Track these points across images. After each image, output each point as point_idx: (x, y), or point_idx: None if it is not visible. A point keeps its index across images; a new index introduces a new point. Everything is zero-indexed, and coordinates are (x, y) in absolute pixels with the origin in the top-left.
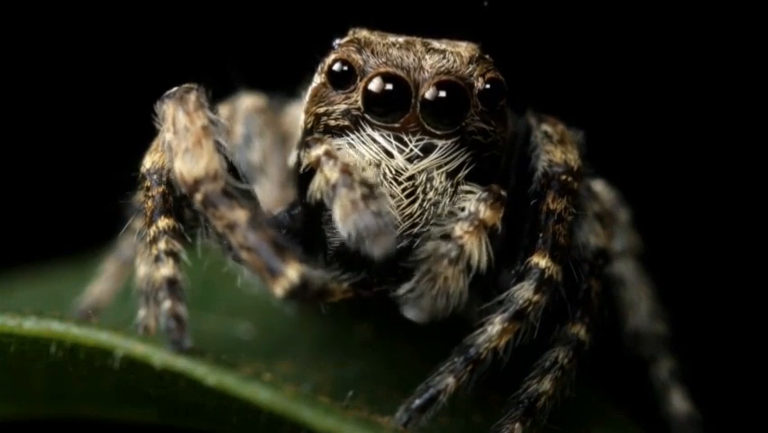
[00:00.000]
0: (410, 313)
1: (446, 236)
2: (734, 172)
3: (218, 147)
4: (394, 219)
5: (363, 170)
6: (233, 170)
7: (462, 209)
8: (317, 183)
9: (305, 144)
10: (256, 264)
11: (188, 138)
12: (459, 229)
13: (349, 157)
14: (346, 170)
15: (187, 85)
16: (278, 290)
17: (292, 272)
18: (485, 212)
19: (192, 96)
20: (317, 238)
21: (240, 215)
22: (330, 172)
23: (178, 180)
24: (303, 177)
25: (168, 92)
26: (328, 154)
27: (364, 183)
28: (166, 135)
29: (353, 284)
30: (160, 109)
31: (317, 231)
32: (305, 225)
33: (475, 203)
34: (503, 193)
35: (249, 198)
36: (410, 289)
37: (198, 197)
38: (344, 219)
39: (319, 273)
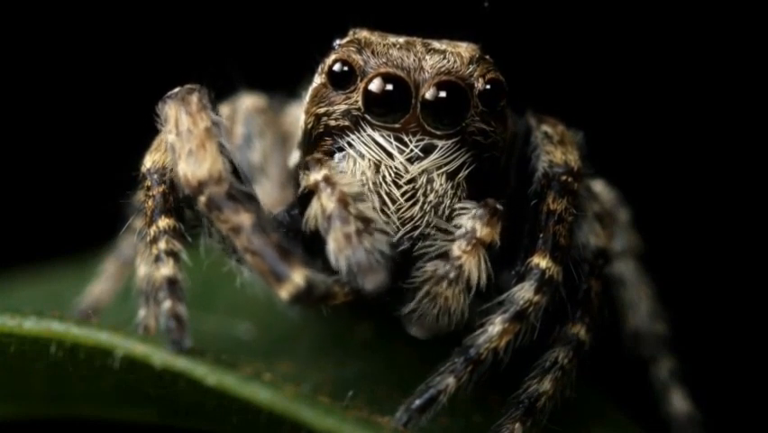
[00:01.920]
0: (414, 331)
1: (445, 255)
2: (734, 172)
3: (221, 149)
4: (387, 255)
5: (361, 199)
6: (235, 171)
7: (459, 227)
8: (313, 211)
9: (304, 165)
10: (261, 268)
11: (192, 140)
12: (457, 249)
13: (348, 183)
14: (343, 200)
15: (189, 86)
16: (284, 294)
17: (297, 277)
18: (482, 230)
19: (194, 98)
20: (317, 240)
21: (244, 218)
22: (326, 202)
23: (182, 183)
24: (301, 197)
25: (169, 93)
26: (327, 180)
27: (360, 216)
28: (168, 137)
29: (355, 288)
30: (161, 110)
31: (317, 234)
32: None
33: (471, 221)
34: (499, 207)
35: (253, 201)
36: (413, 309)
37: (202, 199)
38: (337, 253)
39: (323, 277)
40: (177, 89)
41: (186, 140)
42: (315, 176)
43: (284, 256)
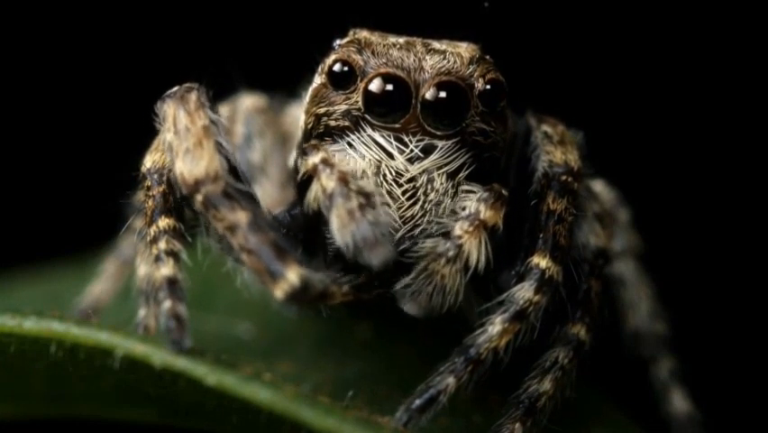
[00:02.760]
0: (407, 307)
1: (446, 234)
2: (734, 172)
3: (219, 148)
4: (391, 227)
5: (361, 177)
6: (233, 170)
7: (464, 208)
8: (314, 192)
9: (302, 152)
10: (256, 267)
11: (189, 138)
12: (459, 228)
13: (346, 164)
14: (343, 179)
15: (187, 84)
16: (279, 292)
17: (292, 275)
18: (486, 212)
19: (193, 96)
20: (318, 239)
21: (240, 216)
22: (326, 181)
23: (179, 181)
24: (301, 184)
25: (168, 92)
26: (325, 162)
27: (361, 192)
28: (166, 135)
29: (354, 287)
30: (160, 109)
31: (317, 232)
32: (305, 226)
33: (476, 203)
34: (504, 192)
35: (249, 200)
36: (408, 284)
37: (199, 198)
38: (341, 230)
39: (319, 276)
40: (175, 88)
41: (183, 138)
42: (314, 159)
43: (280, 255)
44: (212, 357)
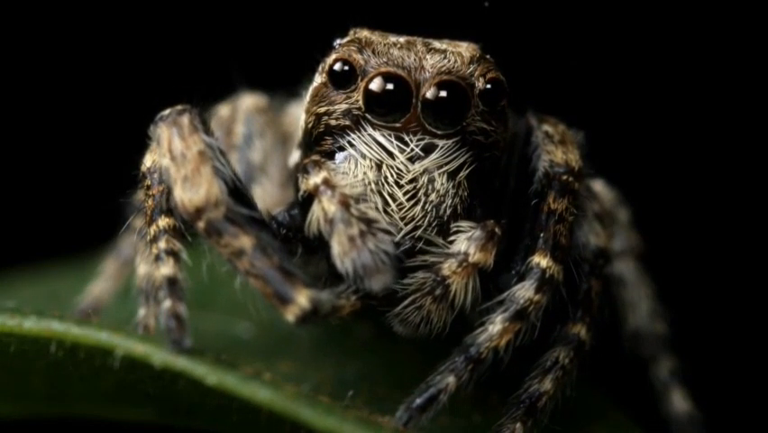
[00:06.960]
0: (397, 329)
1: (437, 270)
2: (734, 172)
3: (217, 172)
4: (392, 254)
5: (362, 200)
6: (235, 191)
7: (453, 242)
8: (315, 215)
9: (303, 168)
10: (265, 291)
11: (186, 165)
12: (447, 269)
13: (347, 184)
14: (344, 202)
15: (179, 107)
16: (290, 316)
17: (302, 299)
18: (475, 255)
19: (185, 120)
20: (320, 243)
21: (245, 241)
22: (328, 205)
23: (179, 209)
24: (302, 202)
25: (160, 115)
26: (326, 183)
27: (362, 218)
28: (162, 161)
29: (360, 296)
30: (153, 133)
31: (320, 238)
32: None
33: (466, 243)
34: (497, 231)
35: (252, 223)
36: (398, 312)
37: (201, 225)
38: (342, 257)
39: (327, 295)
40: (167, 111)
41: (180, 165)
42: (315, 179)
43: (288, 278)
44: (212, 357)
